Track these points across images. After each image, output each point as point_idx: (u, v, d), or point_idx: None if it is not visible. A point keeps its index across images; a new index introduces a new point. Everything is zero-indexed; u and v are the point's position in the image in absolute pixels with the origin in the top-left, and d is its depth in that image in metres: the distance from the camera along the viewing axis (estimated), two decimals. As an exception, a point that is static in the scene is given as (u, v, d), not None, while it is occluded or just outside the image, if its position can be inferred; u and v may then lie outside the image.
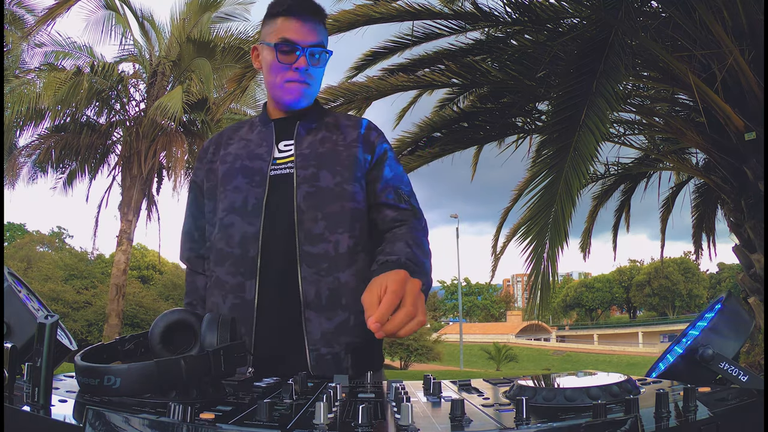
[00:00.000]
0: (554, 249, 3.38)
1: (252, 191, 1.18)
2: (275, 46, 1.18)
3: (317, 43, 1.20)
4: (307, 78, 1.20)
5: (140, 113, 12.16)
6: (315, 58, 1.20)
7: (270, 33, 1.21)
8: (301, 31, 1.18)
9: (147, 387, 0.62)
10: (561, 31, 4.28)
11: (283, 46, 1.18)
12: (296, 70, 1.18)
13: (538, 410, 0.58)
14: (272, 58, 1.19)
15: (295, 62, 1.18)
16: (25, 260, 20.14)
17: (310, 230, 1.14)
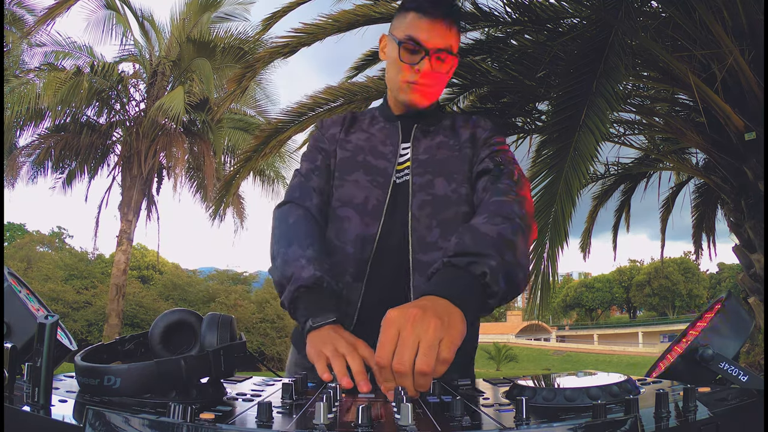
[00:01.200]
0: (554, 249, 3.38)
1: (373, 191, 1.14)
2: (399, 44, 1.13)
3: (444, 48, 1.13)
4: (428, 81, 1.14)
5: (140, 113, 12.17)
6: (440, 62, 1.14)
7: (398, 27, 1.15)
8: (429, 32, 1.11)
9: (147, 387, 0.62)
10: (561, 31, 4.27)
11: (408, 45, 1.12)
12: (418, 72, 1.13)
13: (538, 410, 0.58)
14: (395, 55, 1.14)
15: (418, 63, 1.12)
16: (25, 260, 20.13)
17: (424, 238, 1.10)
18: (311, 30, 4.33)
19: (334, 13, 4.35)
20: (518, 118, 5.34)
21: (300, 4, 4.50)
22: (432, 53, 1.12)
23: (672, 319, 46.72)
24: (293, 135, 5.23)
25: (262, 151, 5.25)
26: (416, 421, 0.50)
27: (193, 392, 0.66)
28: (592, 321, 55.79)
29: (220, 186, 7.14)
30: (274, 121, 5.37)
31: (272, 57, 4.67)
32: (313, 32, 4.34)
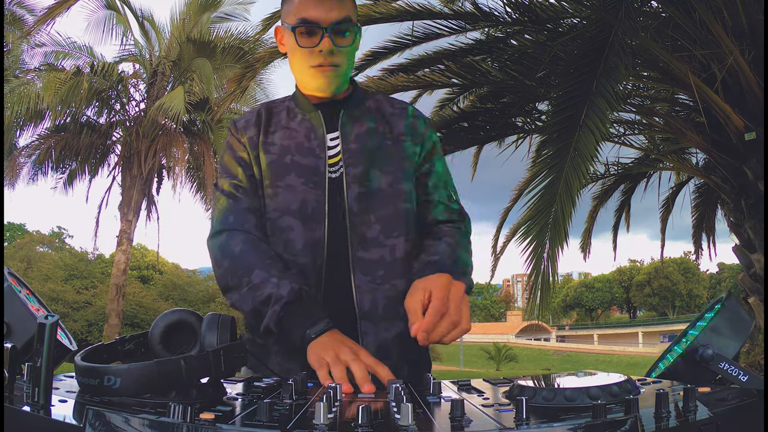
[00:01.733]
0: (554, 249, 3.38)
1: (310, 192, 1.06)
2: (293, 29, 1.05)
3: (342, 19, 1.04)
4: (335, 60, 1.06)
5: (140, 113, 12.17)
6: (342, 37, 1.05)
7: (288, 13, 1.07)
8: (321, 8, 1.03)
9: (147, 387, 0.62)
10: (561, 31, 4.28)
11: (302, 28, 1.04)
12: (321, 53, 1.04)
13: (538, 410, 0.58)
14: (293, 42, 1.06)
15: (318, 44, 1.04)
16: (25, 260, 20.15)
17: (364, 234, 1.06)
18: (311, 30, 4.33)
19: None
20: (518, 118, 5.34)
21: (283, 1, 4.50)
22: (330, 30, 1.03)
23: (672, 319, 46.72)
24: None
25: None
26: (416, 421, 0.50)
27: (193, 392, 0.66)
28: (592, 321, 55.79)
29: (220, 186, 7.14)
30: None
31: (272, 57, 4.67)
32: (313, 32, 4.33)
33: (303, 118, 1.13)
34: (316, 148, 1.09)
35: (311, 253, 1.05)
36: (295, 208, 1.06)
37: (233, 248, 1.05)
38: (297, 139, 1.11)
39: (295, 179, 1.08)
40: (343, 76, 1.10)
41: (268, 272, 1.00)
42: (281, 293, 0.97)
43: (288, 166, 1.09)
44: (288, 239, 1.06)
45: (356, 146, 1.10)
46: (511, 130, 5.40)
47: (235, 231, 1.07)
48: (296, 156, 1.09)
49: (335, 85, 1.10)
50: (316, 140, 1.10)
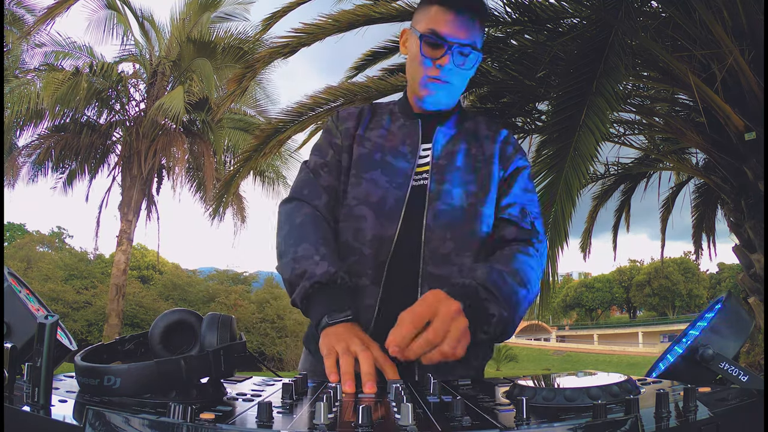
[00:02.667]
0: (554, 249, 3.39)
1: (392, 191, 1.09)
2: (421, 37, 1.08)
3: (469, 43, 1.07)
4: (450, 77, 1.10)
5: (140, 113, 12.17)
6: (463, 58, 1.08)
7: (421, 20, 1.10)
8: (453, 26, 1.06)
9: (147, 387, 0.62)
10: (561, 31, 4.28)
11: (429, 38, 1.07)
12: (439, 68, 1.08)
13: (538, 410, 0.58)
14: (416, 49, 1.09)
15: (440, 58, 1.07)
16: (25, 260, 20.13)
17: (437, 250, 1.06)
18: (311, 30, 4.33)
19: (334, 13, 4.35)
20: (518, 118, 5.34)
21: (300, 4, 4.50)
22: (455, 48, 1.07)
23: (672, 319, 46.74)
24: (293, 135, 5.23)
25: (262, 151, 5.25)
26: (416, 421, 0.50)
27: (193, 392, 0.66)
28: (592, 321, 55.80)
29: (220, 186, 7.14)
30: (274, 120, 5.37)
31: (272, 57, 4.67)
32: (313, 32, 4.34)
33: (403, 123, 1.17)
34: (408, 153, 1.13)
35: (377, 247, 1.07)
36: (374, 201, 1.09)
37: (296, 218, 1.09)
38: (392, 141, 1.15)
39: (380, 175, 1.11)
40: (452, 94, 1.14)
41: (315, 249, 1.02)
42: (316, 271, 0.99)
43: (377, 162, 1.13)
44: (359, 228, 1.09)
45: (445, 163, 1.12)
46: (511, 130, 5.39)
47: (304, 203, 1.12)
48: (387, 156, 1.13)
49: (444, 101, 1.14)
50: (411, 146, 1.13)
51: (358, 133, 1.17)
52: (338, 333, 0.92)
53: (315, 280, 0.98)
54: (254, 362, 1.12)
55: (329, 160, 1.16)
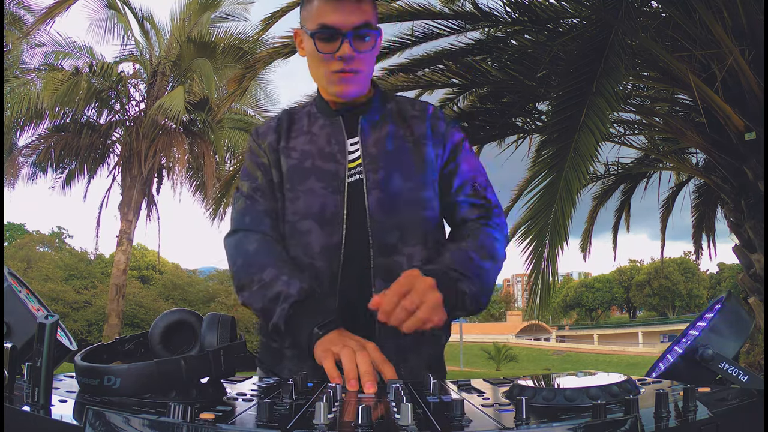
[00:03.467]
0: (554, 249, 3.38)
1: (330, 197, 1.07)
2: (312, 35, 1.04)
3: (362, 24, 1.03)
4: (355, 66, 1.05)
5: (140, 113, 12.17)
6: (362, 42, 1.04)
7: (308, 18, 1.06)
8: (340, 13, 1.01)
9: (147, 387, 0.62)
10: (561, 31, 4.28)
11: (321, 33, 1.03)
12: (341, 59, 1.03)
13: (538, 410, 0.58)
14: (312, 47, 1.05)
15: (338, 50, 1.02)
16: (25, 260, 20.14)
17: (384, 240, 1.06)
18: (311, 30, 4.33)
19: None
20: (518, 118, 5.34)
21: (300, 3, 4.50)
22: (350, 35, 1.02)
23: (672, 319, 46.73)
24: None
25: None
26: (416, 421, 0.50)
27: (193, 392, 0.66)
28: (592, 321, 55.79)
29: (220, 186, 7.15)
30: (275, 121, 5.36)
31: (272, 57, 4.67)
32: (313, 32, 4.33)
33: (324, 122, 1.13)
34: (336, 153, 1.10)
35: (328, 258, 1.06)
36: (315, 212, 1.07)
37: (247, 247, 1.08)
38: (318, 144, 1.11)
39: (315, 183, 1.08)
40: (364, 80, 1.10)
41: (280, 271, 1.02)
42: (291, 291, 0.98)
43: (308, 170, 1.09)
44: (306, 242, 1.07)
45: (376, 151, 1.09)
46: (511, 130, 5.39)
47: (250, 231, 1.10)
48: (317, 161, 1.10)
49: (356, 91, 1.09)
50: (337, 145, 1.10)
51: (282, 145, 1.13)
52: (332, 339, 0.93)
53: (293, 299, 0.98)
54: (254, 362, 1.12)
55: (261, 183, 1.13)
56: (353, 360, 0.84)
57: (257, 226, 1.10)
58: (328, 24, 1.02)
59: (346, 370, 0.83)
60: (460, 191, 1.13)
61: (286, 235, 1.10)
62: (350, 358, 0.84)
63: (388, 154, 1.09)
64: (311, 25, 1.05)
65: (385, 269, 1.05)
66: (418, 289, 0.91)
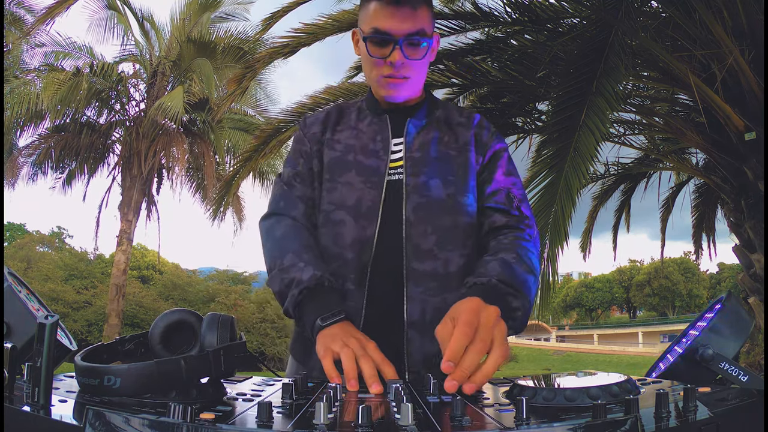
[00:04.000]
0: (554, 249, 3.39)
1: (367, 192, 1.08)
2: (365, 38, 1.05)
3: (415, 32, 1.04)
4: (405, 72, 1.07)
5: (140, 113, 12.17)
6: (414, 49, 1.05)
7: (363, 20, 1.07)
8: (395, 19, 1.02)
9: (147, 387, 0.62)
10: (561, 31, 4.28)
11: (374, 37, 1.04)
12: (391, 65, 1.05)
13: (538, 410, 0.58)
14: (365, 50, 1.07)
15: (390, 55, 1.04)
16: (25, 260, 20.14)
17: (419, 245, 1.05)
18: (311, 30, 4.34)
19: (334, 13, 4.36)
20: (518, 118, 5.34)
21: (300, 4, 4.50)
22: (402, 41, 1.04)
23: (672, 319, 46.72)
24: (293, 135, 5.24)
25: (262, 151, 5.26)
26: (416, 421, 0.50)
27: (193, 392, 0.66)
28: (592, 321, 55.79)
29: (220, 186, 7.15)
30: (275, 120, 5.38)
31: (272, 57, 4.68)
32: (313, 32, 4.34)
33: (372, 119, 1.16)
34: (379, 150, 1.11)
35: (358, 250, 1.06)
36: (350, 204, 1.08)
37: (276, 232, 1.09)
38: (362, 140, 1.13)
39: (354, 177, 1.09)
40: (413, 87, 1.11)
41: (299, 257, 1.02)
42: (303, 278, 0.99)
43: (349, 163, 1.11)
44: (338, 232, 1.08)
45: (419, 155, 1.10)
46: (511, 130, 5.40)
47: (282, 216, 1.12)
48: (359, 155, 1.11)
49: (404, 96, 1.12)
50: (381, 143, 1.12)
51: (327, 137, 1.15)
52: (333, 334, 0.92)
53: (303, 286, 0.98)
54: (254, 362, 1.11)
55: (300, 170, 1.15)
56: (353, 360, 0.83)
57: (290, 211, 1.12)
58: (381, 29, 1.04)
59: (345, 370, 0.82)
60: (492, 197, 1.11)
61: (320, 224, 1.11)
62: (350, 357, 0.83)
63: (430, 159, 1.10)
64: (366, 28, 1.06)
65: (419, 273, 1.04)
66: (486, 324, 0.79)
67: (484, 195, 1.12)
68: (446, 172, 1.10)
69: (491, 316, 0.80)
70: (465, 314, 0.79)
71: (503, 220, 1.09)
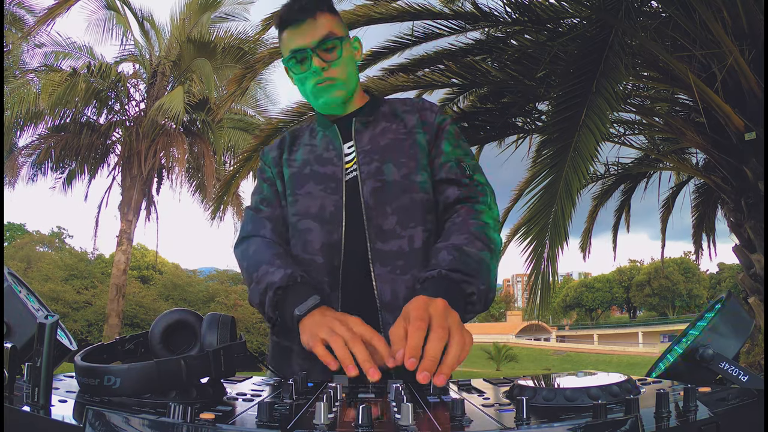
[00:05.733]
0: (554, 249, 3.38)
1: (328, 198, 1.12)
2: (287, 63, 1.16)
3: (323, 38, 1.11)
4: (330, 74, 1.13)
5: (140, 113, 12.17)
6: (328, 53, 1.12)
7: (282, 50, 1.18)
8: (302, 35, 1.12)
9: (147, 387, 0.62)
10: (561, 31, 4.27)
11: (293, 59, 1.14)
12: (314, 73, 1.13)
13: (538, 410, 0.58)
14: (292, 74, 1.18)
15: (310, 67, 1.13)
16: (25, 260, 20.15)
17: (380, 226, 1.08)
18: (311, 30, 4.33)
19: (334, 13, 4.34)
20: (518, 118, 5.34)
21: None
22: (314, 49, 1.11)
23: (672, 319, 46.74)
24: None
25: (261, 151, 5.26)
26: (416, 421, 0.50)
27: (193, 392, 0.66)
28: (592, 321, 55.79)
29: (219, 186, 7.15)
30: (275, 120, 5.37)
31: (272, 57, 4.67)
32: (313, 32, 4.33)
33: (323, 134, 1.21)
34: (334, 158, 1.15)
35: (328, 254, 1.09)
36: (314, 212, 1.12)
37: (249, 251, 1.13)
38: (316, 152, 1.18)
39: (313, 186, 1.14)
40: (344, 86, 1.16)
41: (271, 264, 1.05)
42: (275, 279, 1.01)
43: (307, 175, 1.16)
44: (306, 240, 1.12)
45: (370, 146, 1.14)
46: (511, 130, 5.40)
47: (252, 237, 1.17)
48: (315, 166, 1.16)
49: (340, 97, 1.16)
50: (334, 151, 1.16)
51: (285, 158, 1.21)
52: (315, 321, 0.92)
53: (276, 286, 1.00)
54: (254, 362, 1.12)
55: (266, 195, 1.21)
56: (344, 346, 0.83)
57: (258, 231, 1.17)
58: (295, 48, 1.13)
59: (341, 358, 0.82)
60: (443, 169, 1.13)
61: (290, 236, 1.16)
62: (341, 344, 0.84)
63: (380, 148, 1.14)
64: (285, 54, 1.15)
65: (384, 253, 1.07)
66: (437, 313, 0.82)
67: (436, 168, 1.14)
68: (398, 155, 1.12)
69: (439, 307, 0.84)
70: (414, 311, 0.83)
71: (455, 194, 1.11)
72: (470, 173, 1.13)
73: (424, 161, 1.14)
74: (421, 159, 1.13)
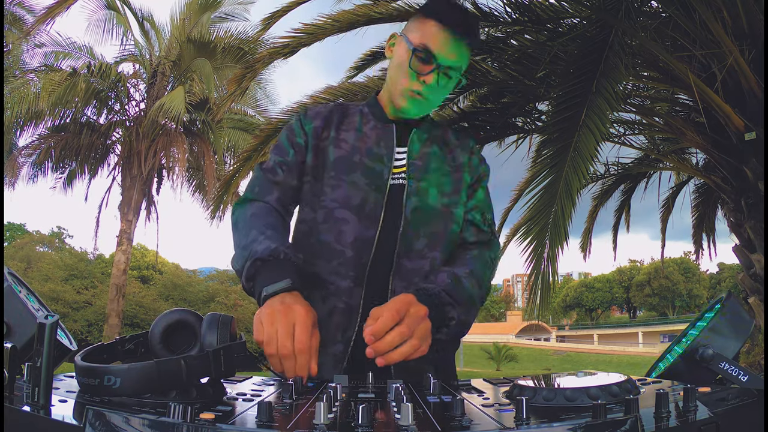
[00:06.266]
0: (554, 249, 3.38)
1: (371, 194, 1.12)
2: (414, 50, 1.10)
3: (457, 66, 1.12)
4: (430, 95, 1.14)
5: (140, 113, 12.17)
6: (446, 78, 1.13)
7: (415, 31, 1.12)
8: (448, 47, 1.09)
9: (147, 387, 0.62)
10: (561, 31, 4.27)
11: (420, 54, 1.10)
12: (422, 84, 1.11)
13: (538, 410, 0.58)
14: (405, 59, 1.12)
15: (426, 75, 1.10)
16: (25, 260, 20.14)
17: (411, 245, 1.11)
18: (311, 30, 4.33)
19: (334, 13, 4.35)
20: (518, 118, 5.34)
21: (300, 4, 4.50)
22: (443, 69, 1.11)
23: (672, 319, 46.73)
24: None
25: (262, 151, 5.25)
26: (416, 421, 0.50)
27: (193, 392, 0.66)
28: (592, 321, 55.79)
29: (220, 186, 7.15)
30: (274, 120, 5.37)
31: (272, 57, 4.67)
32: (313, 32, 4.33)
33: (376, 125, 1.20)
34: (384, 156, 1.16)
35: (359, 249, 1.10)
36: (355, 204, 1.12)
37: (247, 213, 1.12)
38: (367, 144, 1.17)
39: (360, 178, 1.13)
40: (429, 108, 1.19)
41: (261, 232, 1.03)
42: (257, 249, 0.99)
43: (356, 164, 1.14)
44: (341, 230, 1.11)
45: (421, 164, 1.17)
46: (511, 130, 5.39)
47: (256, 201, 1.15)
48: (365, 158, 1.15)
49: (416, 113, 1.18)
50: (386, 149, 1.17)
51: (331, 135, 1.18)
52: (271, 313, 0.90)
53: (256, 257, 0.98)
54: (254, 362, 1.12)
55: (289, 159, 1.18)
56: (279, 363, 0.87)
57: (263, 196, 1.15)
58: (431, 50, 1.09)
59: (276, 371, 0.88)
60: (471, 211, 1.21)
61: (320, 220, 1.13)
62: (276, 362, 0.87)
63: (430, 168, 1.17)
64: (416, 40, 1.11)
65: (407, 270, 1.11)
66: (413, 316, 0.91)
67: (466, 207, 1.21)
68: (443, 184, 1.17)
69: (419, 312, 0.92)
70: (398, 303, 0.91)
71: (475, 235, 1.20)
72: (489, 224, 1.23)
73: (464, 198, 1.20)
74: (462, 195, 1.19)
